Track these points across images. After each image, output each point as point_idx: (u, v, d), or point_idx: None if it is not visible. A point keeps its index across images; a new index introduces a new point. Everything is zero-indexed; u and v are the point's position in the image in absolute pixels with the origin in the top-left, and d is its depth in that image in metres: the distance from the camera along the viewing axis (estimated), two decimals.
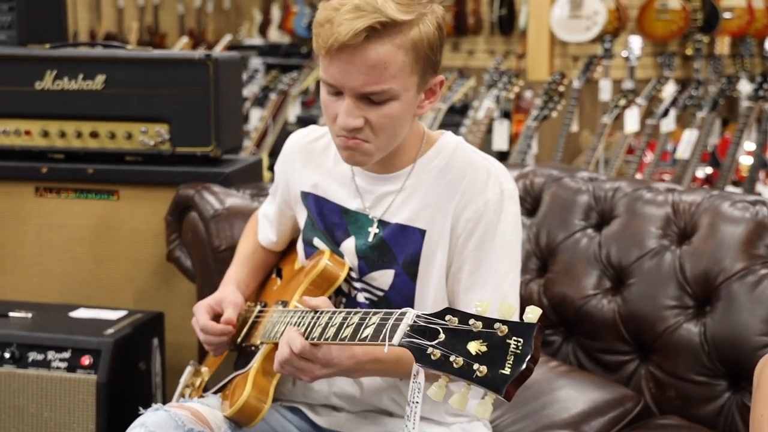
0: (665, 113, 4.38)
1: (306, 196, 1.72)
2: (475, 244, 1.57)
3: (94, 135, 2.57)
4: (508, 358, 1.09)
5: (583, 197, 2.24)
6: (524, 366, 1.09)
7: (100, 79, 2.54)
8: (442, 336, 1.16)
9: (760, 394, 1.46)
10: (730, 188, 4.39)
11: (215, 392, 1.73)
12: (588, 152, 4.30)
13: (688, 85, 5.42)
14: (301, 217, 1.75)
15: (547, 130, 5.37)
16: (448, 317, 1.18)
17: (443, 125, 5.22)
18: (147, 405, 1.63)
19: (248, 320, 1.76)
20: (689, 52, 6.18)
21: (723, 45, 6.12)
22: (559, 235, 2.22)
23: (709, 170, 4.90)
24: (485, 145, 4.81)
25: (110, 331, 2.17)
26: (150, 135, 2.55)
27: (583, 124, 5.85)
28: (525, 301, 2.21)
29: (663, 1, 6.11)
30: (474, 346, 1.12)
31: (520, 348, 1.10)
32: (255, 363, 1.62)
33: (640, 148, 4.33)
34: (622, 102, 4.39)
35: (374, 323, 1.31)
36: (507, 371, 1.09)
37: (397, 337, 1.23)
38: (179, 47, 6.82)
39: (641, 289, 2.05)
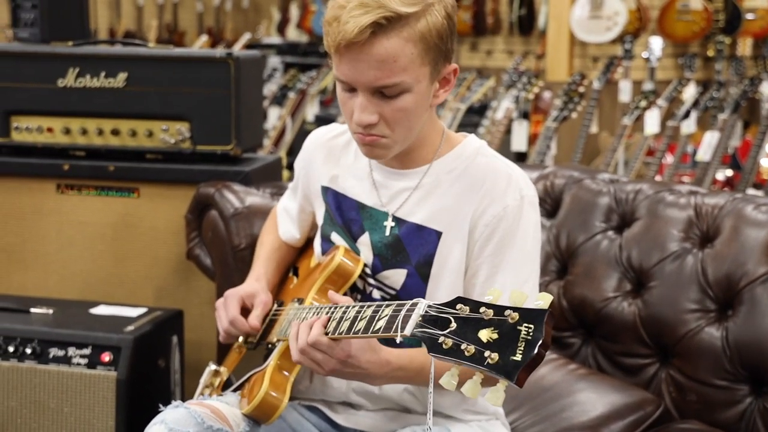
0: (686, 115, 4.35)
1: (326, 191, 1.73)
2: (492, 249, 1.57)
3: (115, 133, 2.59)
4: (519, 344, 1.09)
5: (604, 199, 2.22)
6: (535, 352, 1.08)
7: (122, 76, 2.55)
8: (453, 325, 1.16)
9: None
10: (751, 191, 4.36)
11: (234, 390, 1.73)
12: (607, 154, 4.28)
13: (709, 86, 5.38)
14: (320, 211, 1.76)
15: (566, 131, 5.35)
16: (459, 306, 1.18)
17: (462, 125, 5.21)
18: (166, 402, 1.64)
19: (265, 319, 1.77)
20: (711, 53, 6.14)
21: (745, 46, 6.08)
22: (579, 237, 2.21)
23: (729, 173, 4.87)
24: (504, 146, 4.80)
25: (130, 328, 2.18)
26: (171, 133, 2.56)
27: (602, 126, 5.82)
28: None
29: (685, 2, 6.07)
30: (485, 334, 1.12)
31: (531, 334, 1.09)
32: (272, 360, 1.62)
33: (660, 150, 4.30)
34: (643, 103, 4.36)
35: (387, 315, 1.32)
36: (518, 357, 1.08)
37: (409, 328, 1.23)
38: (198, 46, 6.84)
39: (662, 292, 2.03)
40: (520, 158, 5.00)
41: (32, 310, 2.28)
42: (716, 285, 1.97)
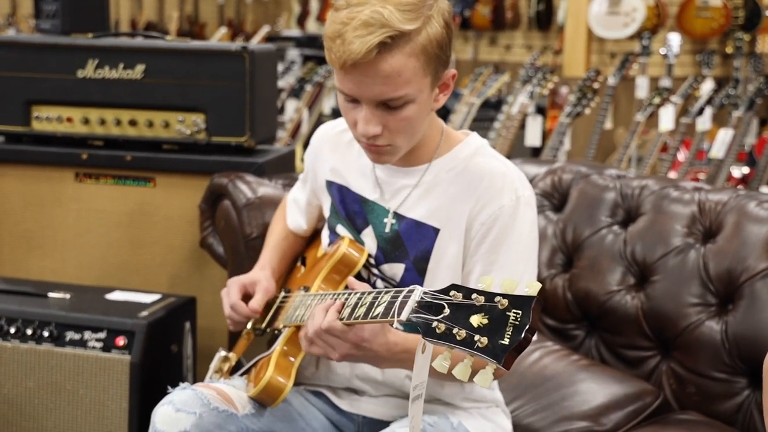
0: (700, 111, 4.36)
1: (330, 185, 1.78)
2: (487, 247, 1.61)
3: (132, 123, 2.64)
4: (507, 329, 1.15)
5: (610, 194, 2.26)
6: (522, 336, 1.14)
7: (140, 68, 2.61)
8: (447, 311, 1.22)
9: None
10: (765, 188, 4.36)
11: (241, 374, 1.78)
12: (621, 150, 4.30)
13: (727, 83, 5.38)
14: (326, 204, 1.80)
15: (582, 127, 5.37)
16: (452, 293, 1.23)
17: (478, 120, 5.24)
18: (178, 386, 1.69)
19: (272, 306, 1.82)
20: (729, 50, 6.13)
21: (764, 43, 6.07)
22: (585, 231, 2.24)
23: (746, 170, 4.87)
24: (518, 141, 4.83)
25: (144, 313, 2.23)
26: (187, 124, 2.61)
27: (619, 122, 5.83)
28: (549, 296, 2.25)
29: None
30: (476, 319, 1.17)
31: (519, 319, 1.15)
32: (278, 345, 1.68)
33: (673, 146, 4.32)
34: (657, 100, 4.38)
35: (385, 302, 1.37)
36: (506, 341, 1.14)
37: (405, 313, 1.29)
38: (217, 38, 6.90)
39: (665, 286, 2.07)
40: (534, 153, 5.03)
41: (50, 294, 2.34)
42: (717, 280, 2.00)
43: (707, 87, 4.50)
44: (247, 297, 1.81)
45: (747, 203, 2.06)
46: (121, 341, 2.17)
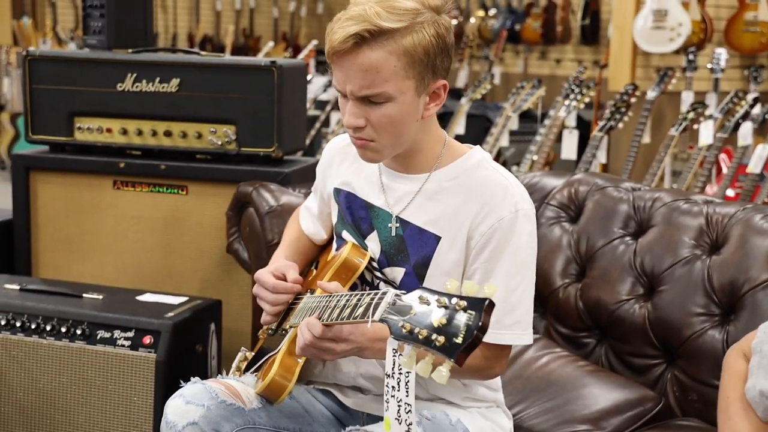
0: (736, 127, 4.35)
1: (338, 192, 1.87)
2: (486, 256, 1.68)
3: (167, 134, 2.78)
4: (462, 328, 1.25)
5: (623, 206, 2.30)
6: (473, 335, 1.24)
7: (175, 82, 2.74)
8: (413, 312, 1.33)
9: (726, 379, 1.60)
10: None
11: (252, 372, 1.88)
12: (654, 164, 4.32)
13: None
14: (334, 212, 1.90)
15: (625, 141, 5.37)
16: (420, 295, 1.34)
17: (517, 133, 5.29)
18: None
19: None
20: None
21: None
22: (598, 242, 2.29)
23: None
24: (556, 154, 4.87)
25: (170, 314, 2.35)
26: (218, 135, 2.74)
27: (663, 136, 5.81)
28: (562, 304, 2.30)
29: (753, 13, 6.03)
30: (437, 320, 1.28)
31: (472, 320, 1.25)
32: (283, 345, 1.77)
33: (709, 161, 4.32)
34: (691, 115, 4.39)
35: (365, 303, 1.47)
36: (459, 340, 1.25)
37: (378, 314, 1.39)
38: (265, 51, 7.09)
39: (671, 296, 2.11)
40: (569, 167, 5.06)
41: (84, 295, 2.47)
42: (720, 290, 2.04)
43: (746, 102, 4.48)
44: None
45: (753, 216, 2.10)
46: (147, 340, 2.29)
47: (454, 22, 8.23)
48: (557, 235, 2.34)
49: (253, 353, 2.00)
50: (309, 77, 5.97)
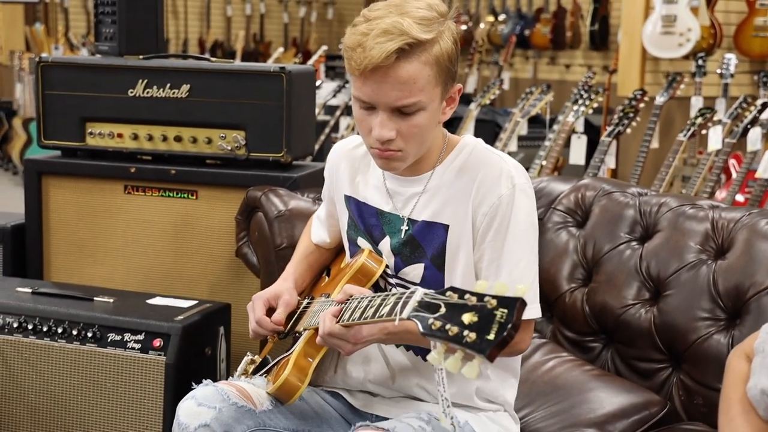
0: (744, 132, 4.36)
1: (348, 200, 1.89)
2: (492, 235, 1.72)
3: (178, 139, 2.81)
4: (493, 326, 1.28)
5: (629, 211, 2.31)
6: (506, 332, 1.26)
7: (185, 88, 2.77)
8: (443, 309, 1.35)
9: (728, 380, 1.63)
10: None
11: (262, 374, 1.91)
12: (662, 169, 4.33)
13: None
14: (343, 218, 1.92)
15: (634, 146, 5.38)
16: (449, 294, 1.37)
17: (526, 138, 5.31)
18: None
19: (295, 312, 1.94)
20: None
21: None
22: (605, 247, 2.30)
23: None
24: (565, 159, 4.88)
25: (180, 317, 2.38)
26: (228, 140, 2.76)
27: (671, 142, 5.82)
28: (569, 309, 2.31)
29: (763, 18, 6.02)
30: (468, 317, 1.30)
31: (504, 318, 1.28)
32: (297, 347, 1.80)
33: (717, 166, 4.33)
34: (699, 120, 4.39)
35: (391, 302, 1.51)
36: (491, 337, 1.27)
37: (406, 312, 1.42)
38: (275, 57, 7.13)
39: (677, 301, 2.12)
40: (578, 172, 5.07)
41: (95, 298, 2.50)
42: (726, 295, 2.05)
43: (755, 108, 4.48)
44: (271, 311, 1.93)
45: (759, 221, 2.11)
46: (157, 343, 2.31)
47: (464, 27, 8.27)
48: (564, 239, 2.35)
49: (259, 357, 2.03)
50: (318, 82, 6.01)
